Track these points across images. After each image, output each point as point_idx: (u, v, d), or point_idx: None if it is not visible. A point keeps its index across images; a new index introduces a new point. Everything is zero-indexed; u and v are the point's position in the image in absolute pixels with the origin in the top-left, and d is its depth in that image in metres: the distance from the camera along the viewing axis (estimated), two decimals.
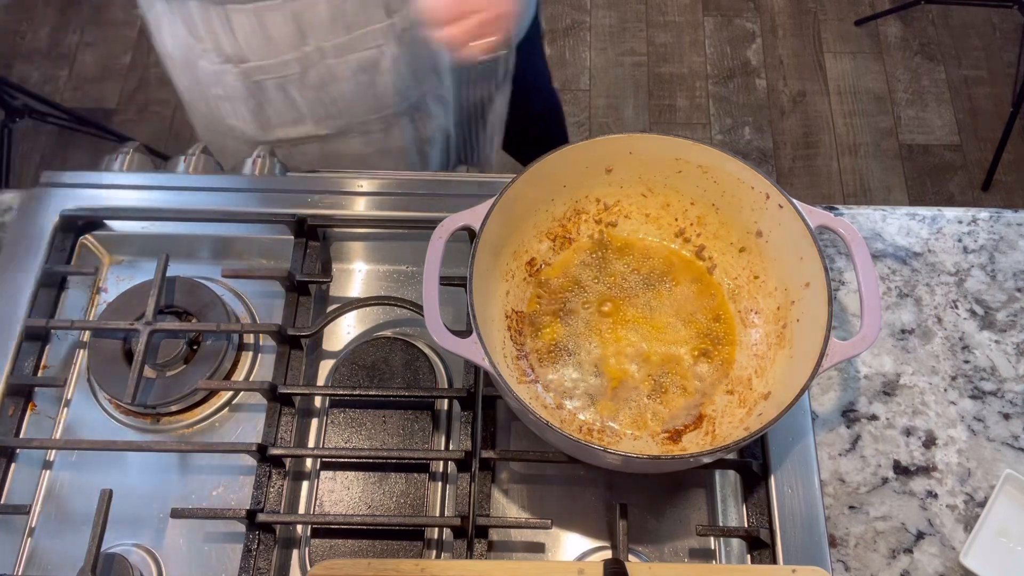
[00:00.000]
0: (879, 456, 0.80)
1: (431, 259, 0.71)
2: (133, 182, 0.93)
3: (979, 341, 0.85)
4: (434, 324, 0.69)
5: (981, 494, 0.78)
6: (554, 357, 0.79)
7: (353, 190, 0.91)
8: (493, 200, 0.74)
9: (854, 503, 0.78)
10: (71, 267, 0.88)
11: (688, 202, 0.82)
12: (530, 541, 0.78)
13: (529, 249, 0.82)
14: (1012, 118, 2.09)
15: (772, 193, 0.75)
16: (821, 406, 0.82)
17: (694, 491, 0.80)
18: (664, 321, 0.81)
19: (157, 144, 2.29)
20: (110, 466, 0.81)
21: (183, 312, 0.86)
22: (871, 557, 0.75)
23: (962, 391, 0.83)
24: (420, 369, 0.84)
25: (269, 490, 0.77)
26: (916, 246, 0.91)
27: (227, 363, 0.85)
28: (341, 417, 0.82)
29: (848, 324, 0.86)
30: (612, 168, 0.81)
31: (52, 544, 0.78)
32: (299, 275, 0.86)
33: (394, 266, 0.93)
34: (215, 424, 0.84)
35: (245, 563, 0.73)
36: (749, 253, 0.81)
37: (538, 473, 0.81)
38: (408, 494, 0.79)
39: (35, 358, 0.84)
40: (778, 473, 0.76)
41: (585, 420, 0.76)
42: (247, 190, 0.92)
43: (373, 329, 0.89)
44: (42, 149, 2.31)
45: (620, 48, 2.46)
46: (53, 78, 2.43)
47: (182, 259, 0.90)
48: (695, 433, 0.75)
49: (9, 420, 0.80)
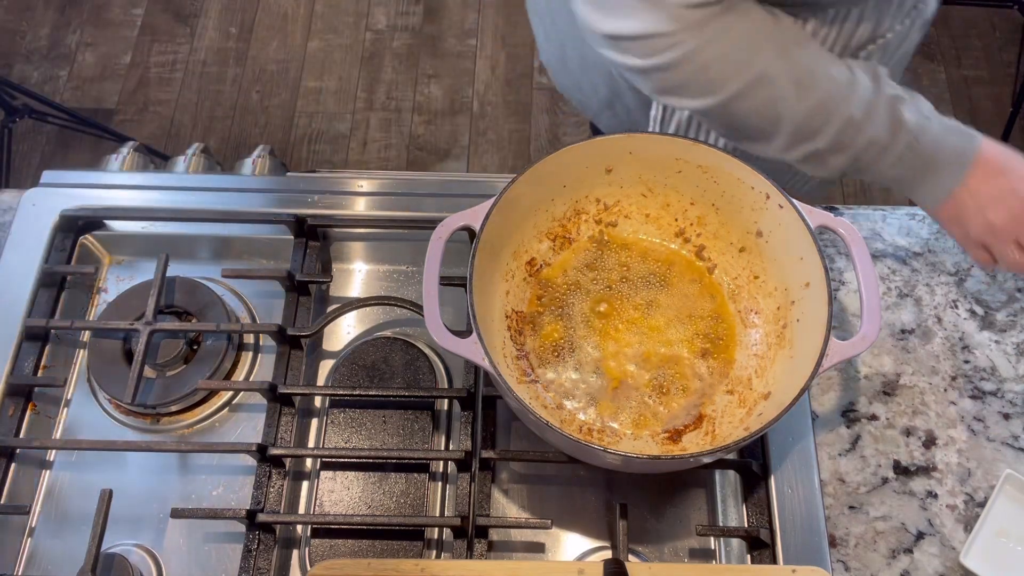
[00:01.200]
0: (879, 456, 0.80)
1: (431, 259, 0.71)
2: (133, 182, 0.93)
3: (979, 341, 0.85)
4: (434, 324, 0.69)
5: (981, 494, 0.78)
6: (554, 357, 0.79)
7: (353, 190, 0.91)
8: (493, 200, 0.74)
9: (854, 503, 0.78)
10: (71, 267, 0.88)
11: (688, 202, 0.82)
12: (530, 541, 0.78)
13: (529, 249, 0.82)
14: (1012, 118, 2.09)
15: (772, 193, 0.75)
16: (821, 406, 0.82)
17: (694, 491, 0.80)
18: (664, 321, 0.81)
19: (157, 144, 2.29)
20: (110, 466, 0.81)
21: (183, 312, 0.86)
22: (871, 557, 0.75)
23: (962, 391, 0.83)
24: (420, 369, 0.84)
25: (269, 490, 0.77)
26: (916, 246, 0.91)
27: (227, 363, 0.85)
28: (341, 417, 0.82)
29: (848, 324, 0.86)
30: (612, 168, 0.81)
31: (52, 544, 0.78)
32: (299, 275, 0.86)
33: (394, 266, 0.93)
34: (215, 424, 0.84)
35: (245, 563, 0.73)
36: (749, 253, 0.81)
37: (538, 473, 0.81)
38: (408, 494, 0.79)
39: (35, 358, 0.84)
40: (778, 473, 0.76)
41: (585, 420, 0.76)
42: (247, 190, 0.92)
43: (373, 329, 0.89)
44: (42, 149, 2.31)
45: None
46: (53, 78, 2.43)
47: (182, 259, 0.90)
48: (695, 433, 0.75)
49: (9, 420, 0.80)
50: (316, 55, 2.48)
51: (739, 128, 0.77)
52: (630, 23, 0.71)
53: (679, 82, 0.74)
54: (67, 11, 2.54)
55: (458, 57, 2.47)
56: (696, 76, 0.73)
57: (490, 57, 2.47)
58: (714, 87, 0.73)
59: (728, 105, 0.74)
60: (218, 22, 2.53)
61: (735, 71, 0.72)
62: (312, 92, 2.41)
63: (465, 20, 2.53)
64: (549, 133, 2.33)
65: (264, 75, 2.44)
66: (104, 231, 0.91)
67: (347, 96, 2.40)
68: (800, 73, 0.73)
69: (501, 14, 2.54)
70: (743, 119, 0.76)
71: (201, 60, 2.46)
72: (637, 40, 0.72)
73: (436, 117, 2.38)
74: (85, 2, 2.55)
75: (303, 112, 2.38)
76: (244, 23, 2.53)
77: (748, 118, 0.75)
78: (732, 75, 0.73)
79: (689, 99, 0.75)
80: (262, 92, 2.41)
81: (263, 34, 2.51)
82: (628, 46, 0.73)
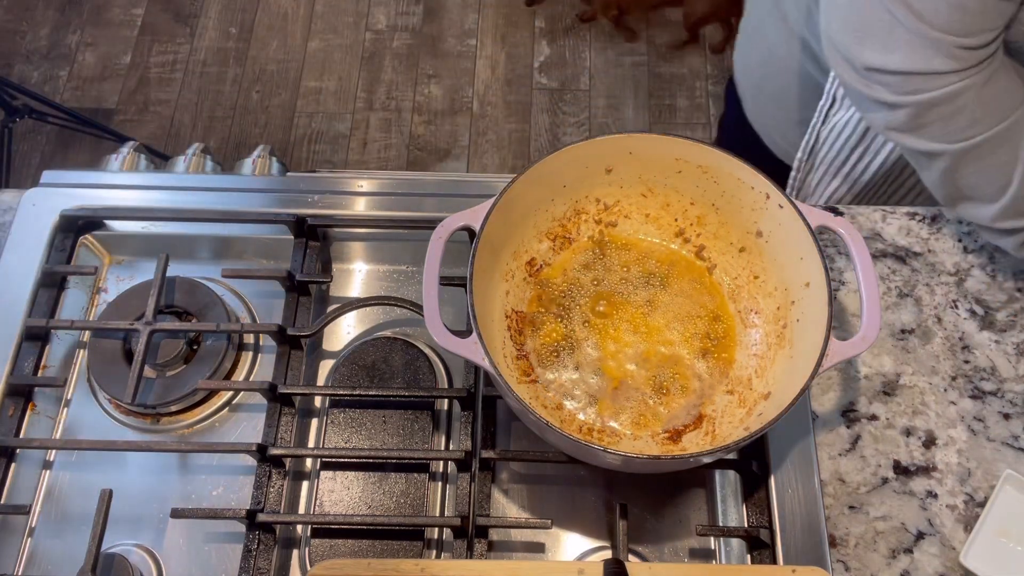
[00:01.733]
0: (879, 456, 0.80)
1: (431, 259, 0.71)
2: (133, 182, 0.93)
3: (979, 341, 0.85)
4: (434, 324, 0.69)
5: (981, 494, 0.78)
6: (554, 357, 0.79)
7: (353, 190, 0.91)
8: (493, 200, 0.74)
9: (854, 503, 0.78)
10: (71, 267, 0.88)
11: (688, 202, 0.82)
12: (530, 541, 0.78)
13: (529, 249, 0.82)
14: None
15: (772, 193, 0.75)
16: (821, 406, 0.82)
17: (694, 491, 0.80)
18: (664, 321, 0.81)
19: (157, 144, 2.29)
20: (110, 466, 0.81)
21: (183, 312, 0.86)
22: (871, 557, 0.75)
23: (962, 391, 0.83)
24: (420, 369, 0.84)
25: (269, 490, 0.77)
26: (916, 246, 0.91)
27: (227, 363, 0.85)
28: (341, 417, 0.82)
29: (848, 324, 0.86)
30: (612, 168, 0.81)
31: (52, 544, 0.78)
32: (299, 275, 0.86)
33: (394, 266, 0.93)
34: (215, 424, 0.84)
35: (245, 563, 0.73)
36: (749, 253, 0.81)
37: (538, 473, 0.81)
38: (408, 494, 0.79)
39: (35, 358, 0.84)
40: (778, 473, 0.76)
41: (585, 420, 0.76)
42: (247, 190, 0.92)
43: (373, 329, 0.89)
44: (42, 149, 2.31)
45: (620, 48, 2.47)
46: (53, 78, 2.43)
47: (182, 259, 0.90)
48: (695, 433, 0.75)
49: (9, 420, 0.80)
50: (316, 55, 2.48)
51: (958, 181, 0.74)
52: (898, 57, 0.69)
53: (927, 122, 0.71)
54: (67, 11, 2.54)
55: (458, 57, 2.47)
56: (949, 118, 0.70)
57: (490, 57, 2.47)
58: (962, 133, 0.71)
59: (965, 154, 0.72)
60: (218, 22, 2.53)
61: (987, 122, 0.70)
62: (312, 92, 2.41)
63: (465, 20, 2.53)
64: (549, 133, 2.33)
65: (264, 75, 2.44)
66: (104, 231, 0.91)
67: (347, 96, 2.40)
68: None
69: (501, 14, 2.54)
70: (970, 174, 0.73)
71: (201, 60, 2.47)
72: (900, 75, 0.70)
73: (436, 117, 2.38)
74: (85, 2, 2.55)
75: (303, 112, 2.39)
76: (244, 23, 2.53)
77: (976, 174, 0.73)
78: (983, 124, 0.70)
79: (927, 141, 0.72)
80: (262, 92, 2.41)
81: (263, 34, 2.51)
82: (886, 80, 0.71)
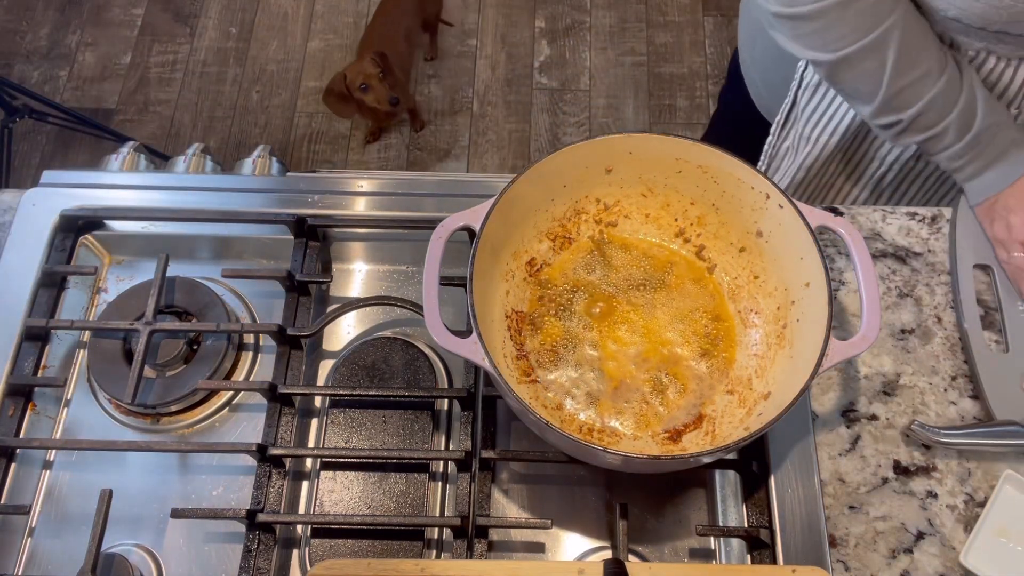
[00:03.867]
0: (879, 456, 0.80)
1: (431, 259, 0.71)
2: (133, 182, 0.93)
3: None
4: (434, 324, 0.69)
5: (981, 494, 0.78)
6: (554, 357, 0.79)
7: (353, 190, 0.91)
8: (493, 200, 0.74)
9: (854, 503, 0.78)
10: (71, 267, 0.88)
11: (688, 202, 0.82)
12: (530, 541, 0.78)
13: (529, 249, 0.82)
14: None
15: (772, 193, 0.75)
16: (821, 406, 0.82)
17: (694, 491, 0.80)
18: (664, 321, 0.81)
19: (157, 144, 2.29)
20: (110, 466, 0.81)
21: (183, 312, 0.86)
22: (871, 557, 0.75)
23: (962, 391, 0.83)
24: (420, 369, 0.84)
25: (269, 490, 0.77)
26: (916, 246, 0.91)
27: (227, 363, 0.85)
28: (341, 417, 0.82)
29: (848, 324, 0.86)
30: (612, 168, 0.81)
31: (52, 544, 0.78)
32: (299, 275, 0.86)
33: (394, 266, 0.93)
34: (215, 424, 0.84)
35: (245, 563, 0.73)
36: (749, 253, 0.81)
37: (538, 473, 0.81)
38: (408, 494, 0.79)
39: (35, 358, 0.84)
40: (778, 473, 0.76)
41: (585, 420, 0.76)
42: (247, 190, 0.92)
43: (373, 329, 0.89)
44: (42, 149, 2.31)
45: (620, 48, 2.47)
46: (53, 78, 2.43)
47: (182, 259, 0.90)
48: (695, 433, 0.75)
49: (9, 420, 0.80)
50: (316, 55, 2.48)
51: (838, 85, 0.88)
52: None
53: (808, 32, 0.84)
54: (67, 11, 2.55)
55: (458, 57, 2.47)
56: (825, 30, 0.83)
57: (490, 57, 2.47)
58: (836, 44, 0.83)
59: (840, 63, 0.84)
60: (218, 22, 2.53)
61: (856, 35, 0.82)
62: (312, 92, 2.41)
63: (465, 20, 2.53)
64: (549, 133, 2.33)
65: (264, 75, 2.44)
66: (104, 231, 0.91)
67: None
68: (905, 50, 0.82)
69: (501, 14, 2.54)
70: (847, 80, 0.86)
71: (201, 60, 2.47)
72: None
73: (436, 117, 2.38)
74: (85, 2, 2.55)
75: (303, 112, 2.39)
76: (244, 23, 2.53)
77: (851, 80, 0.86)
78: (851, 37, 0.82)
79: (812, 51, 0.86)
80: (262, 92, 2.41)
81: (263, 34, 2.51)
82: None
